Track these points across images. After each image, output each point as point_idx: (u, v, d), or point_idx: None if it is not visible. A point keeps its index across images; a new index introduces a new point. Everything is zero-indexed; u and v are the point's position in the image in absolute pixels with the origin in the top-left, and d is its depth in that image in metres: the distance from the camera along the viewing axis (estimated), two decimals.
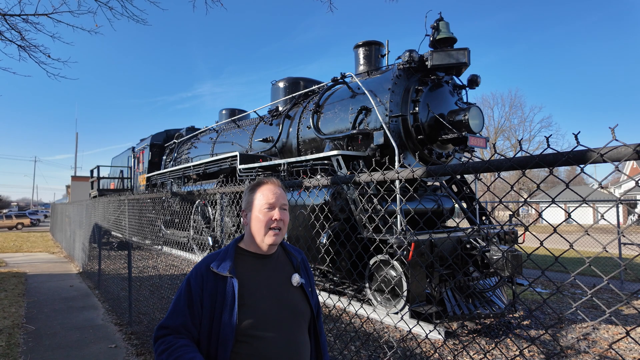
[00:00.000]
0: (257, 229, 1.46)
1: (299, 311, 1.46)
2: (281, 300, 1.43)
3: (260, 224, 1.45)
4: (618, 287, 7.74)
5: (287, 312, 1.42)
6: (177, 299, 1.40)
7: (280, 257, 1.55)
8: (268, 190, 1.49)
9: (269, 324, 1.37)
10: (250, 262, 1.46)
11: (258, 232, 1.46)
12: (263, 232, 1.44)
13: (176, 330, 1.34)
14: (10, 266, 10.16)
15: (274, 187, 1.51)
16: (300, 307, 1.47)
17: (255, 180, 1.58)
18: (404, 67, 5.89)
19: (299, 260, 1.58)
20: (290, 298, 1.46)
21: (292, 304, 1.45)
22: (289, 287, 1.48)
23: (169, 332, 1.35)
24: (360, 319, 3.62)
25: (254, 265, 1.46)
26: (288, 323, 1.41)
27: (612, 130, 1.26)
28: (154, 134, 13.75)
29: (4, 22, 5.44)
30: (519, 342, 4.64)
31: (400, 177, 1.93)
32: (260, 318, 1.36)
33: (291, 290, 1.48)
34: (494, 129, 38.36)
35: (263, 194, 1.49)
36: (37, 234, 23.30)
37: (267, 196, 1.48)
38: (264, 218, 1.45)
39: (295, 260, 1.57)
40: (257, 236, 1.46)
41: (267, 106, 8.66)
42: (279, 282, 1.47)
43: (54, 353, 4.20)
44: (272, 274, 1.47)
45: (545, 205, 3.65)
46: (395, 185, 4.71)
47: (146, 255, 5.11)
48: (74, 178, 30.63)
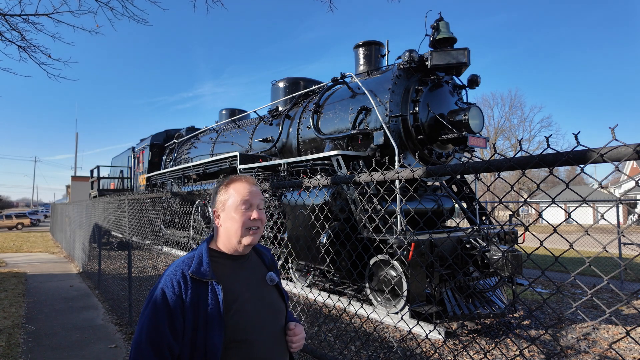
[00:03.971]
0: (233, 229, 1.37)
1: (278, 309, 1.44)
2: (262, 300, 1.39)
3: (237, 225, 1.36)
4: (618, 287, 7.73)
5: (268, 312, 1.39)
6: (152, 312, 1.23)
7: (252, 256, 1.49)
8: (243, 188, 1.40)
9: (255, 326, 1.32)
10: (226, 264, 1.38)
11: (235, 233, 1.37)
12: (240, 232, 1.36)
13: (158, 351, 1.19)
14: (10, 266, 10.16)
15: (249, 185, 1.42)
16: (278, 305, 1.45)
17: (228, 178, 1.46)
18: (404, 67, 5.89)
19: (269, 257, 1.54)
20: (269, 297, 1.42)
21: (272, 303, 1.42)
22: (265, 287, 1.44)
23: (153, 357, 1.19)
24: (360, 319, 3.63)
25: (230, 267, 1.38)
26: (271, 323, 1.39)
27: (612, 130, 1.26)
28: (154, 134, 13.75)
29: (5, 22, 5.44)
30: (519, 342, 4.64)
31: (400, 177, 1.93)
32: (247, 322, 1.31)
33: (268, 289, 1.44)
34: (494, 129, 38.37)
35: (238, 192, 1.39)
36: (37, 234, 23.30)
37: (243, 194, 1.38)
38: (240, 218, 1.36)
39: (267, 258, 1.53)
40: (233, 237, 1.37)
41: (267, 106, 8.66)
42: (256, 282, 1.42)
43: (54, 353, 4.20)
44: (249, 275, 1.42)
45: (545, 205, 3.65)
46: (395, 185, 4.71)
47: (146, 255, 5.10)
48: (74, 178, 30.63)
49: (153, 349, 1.20)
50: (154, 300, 1.25)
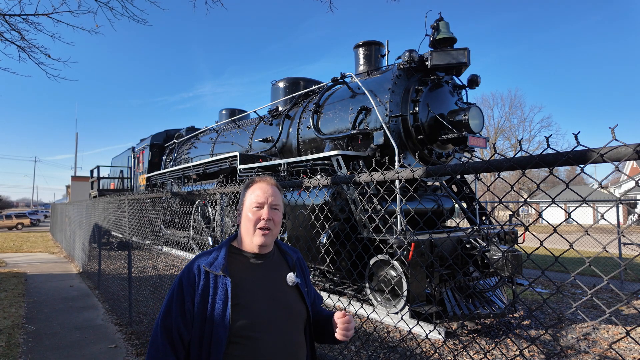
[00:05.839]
0: (246, 228, 1.43)
1: (294, 311, 1.43)
2: (276, 300, 1.39)
3: (249, 223, 1.42)
4: (618, 287, 7.73)
5: (282, 313, 1.38)
6: (169, 298, 1.37)
7: (275, 256, 1.51)
8: (259, 188, 1.46)
9: (263, 324, 1.33)
10: (243, 261, 1.43)
11: (247, 232, 1.43)
12: (252, 231, 1.41)
13: (169, 334, 1.32)
14: (10, 266, 10.15)
15: (266, 185, 1.47)
16: (296, 307, 1.44)
17: (250, 179, 1.54)
18: (404, 67, 5.89)
19: (295, 259, 1.54)
20: (285, 298, 1.42)
21: (288, 304, 1.42)
22: (284, 287, 1.44)
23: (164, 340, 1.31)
24: (360, 319, 3.62)
25: (247, 264, 1.43)
26: (283, 323, 1.38)
27: (612, 130, 1.26)
28: (154, 134, 13.75)
29: (4, 22, 5.44)
30: (519, 342, 4.64)
31: (400, 177, 1.92)
32: (254, 318, 1.32)
33: (286, 290, 1.44)
34: (494, 129, 38.37)
35: (254, 193, 1.45)
36: (37, 234, 23.30)
37: (257, 195, 1.44)
38: (252, 217, 1.41)
39: (291, 259, 1.53)
40: (246, 236, 1.44)
41: (267, 106, 8.66)
42: (274, 282, 1.43)
43: (54, 353, 4.20)
44: (267, 274, 1.44)
45: (545, 205, 3.65)
46: (395, 185, 4.70)
47: (146, 255, 5.10)
48: (74, 178, 30.65)
49: (164, 332, 1.32)
50: (172, 289, 1.39)
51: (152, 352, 1.32)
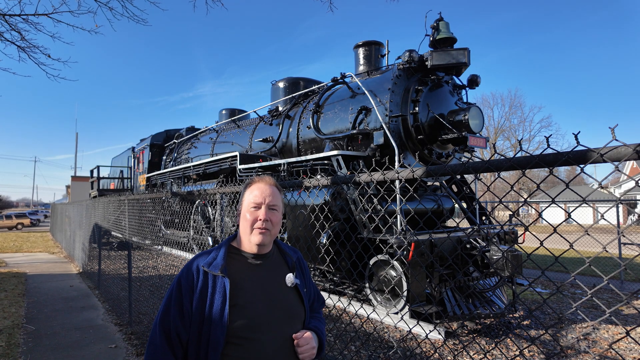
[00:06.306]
0: (244, 228, 1.43)
1: (293, 312, 1.42)
2: (275, 301, 1.39)
3: (247, 223, 1.42)
4: (618, 287, 7.73)
5: (281, 313, 1.38)
6: (168, 298, 1.37)
7: (274, 256, 1.50)
8: (257, 189, 1.46)
9: (262, 325, 1.32)
10: (242, 261, 1.43)
11: (245, 232, 1.43)
12: (249, 231, 1.41)
13: (167, 334, 1.31)
14: (10, 266, 10.15)
15: (264, 185, 1.47)
16: (295, 308, 1.43)
17: (249, 179, 1.54)
18: (403, 67, 5.89)
19: (294, 259, 1.54)
20: (284, 299, 1.42)
21: (287, 305, 1.41)
22: (283, 288, 1.43)
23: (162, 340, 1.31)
24: (360, 319, 3.62)
25: (246, 264, 1.42)
26: (282, 324, 1.37)
27: (612, 130, 1.26)
28: (154, 134, 13.75)
29: (4, 22, 5.44)
30: (519, 342, 4.64)
31: (400, 177, 1.92)
32: (252, 319, 1.32)
33: (285, 290, 1.44)
34: (494, 129, 38.36)
35: (252, 193, 1.45)
36: (37, 234, 23.29)
37: (255, 195, 1.44)
38: (250, 217, 1.42)
39: (291, 260, 1.52)
40: (244, 236, 1.44)
41: (267, 106, 8.66)
42: (272, 282, 1.43)
43: (54, 353, 4.20)
44: (266, 274, 1.43)
45: (545, 205, 3.65)
46: (395, 185, 4.70)
47: (146, 255, 5.10)
48: (74, 178, 30.66)
49: (162, 331, 1.32)
50: (171, 288, 1.38)
51: (151, 352, 1.32)
